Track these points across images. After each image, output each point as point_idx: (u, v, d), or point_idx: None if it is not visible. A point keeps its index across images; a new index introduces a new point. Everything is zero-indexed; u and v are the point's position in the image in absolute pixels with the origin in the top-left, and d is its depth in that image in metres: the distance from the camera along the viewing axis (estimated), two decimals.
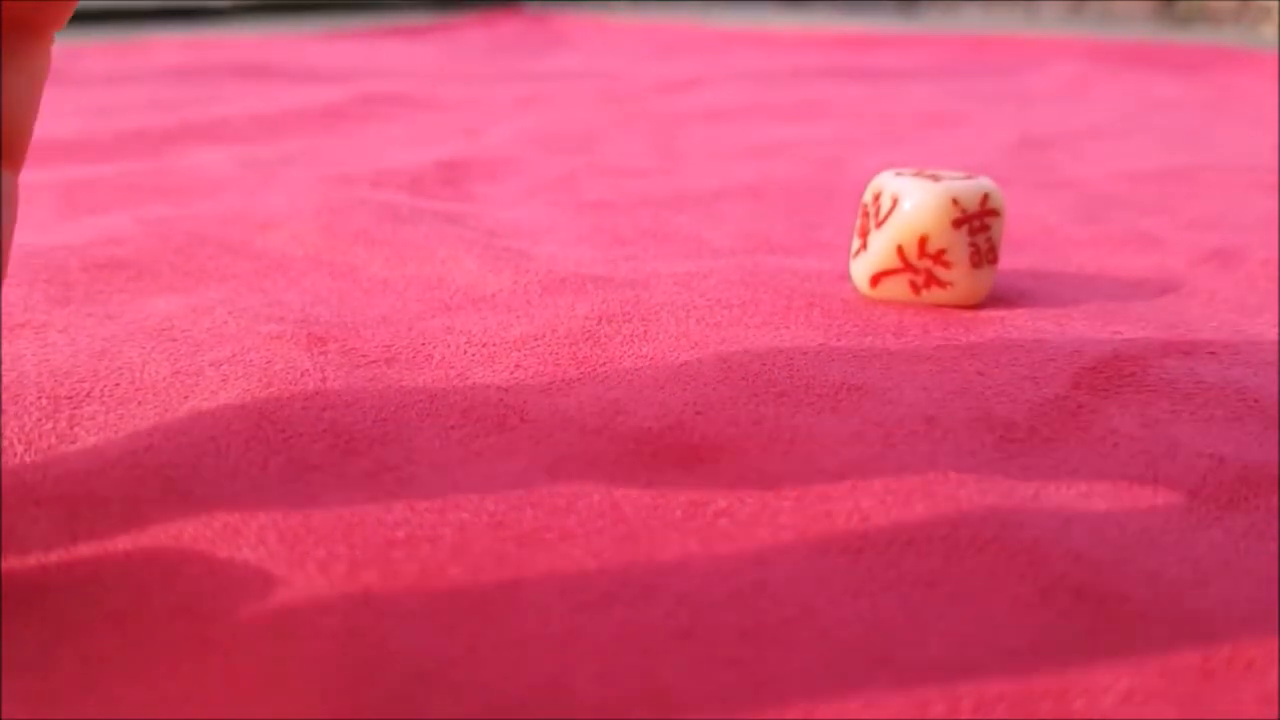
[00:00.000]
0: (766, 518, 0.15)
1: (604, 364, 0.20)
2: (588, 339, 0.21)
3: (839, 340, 0.21)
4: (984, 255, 0.23)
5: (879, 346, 0.20)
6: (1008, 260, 0.28)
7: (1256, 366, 0.20)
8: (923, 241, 0.22)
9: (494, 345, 0.21)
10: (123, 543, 0.15)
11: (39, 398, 0.19)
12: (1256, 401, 0.19)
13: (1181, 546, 0.14)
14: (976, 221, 0.22)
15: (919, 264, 0.23)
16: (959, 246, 0.22)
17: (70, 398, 0.19)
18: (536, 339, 0.21)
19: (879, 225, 0.23)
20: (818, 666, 0.12)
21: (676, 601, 0.13)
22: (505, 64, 0.74)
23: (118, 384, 0.19)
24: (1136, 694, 0.12)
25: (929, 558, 0.14)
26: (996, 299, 0.24)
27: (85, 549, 0.15)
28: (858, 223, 0.24)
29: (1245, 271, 0.27)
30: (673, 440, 0.17)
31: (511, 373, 0.20)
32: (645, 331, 0.21)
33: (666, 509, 0.15)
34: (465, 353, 0.21)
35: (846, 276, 0.25)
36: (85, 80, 0.62)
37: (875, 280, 0.23)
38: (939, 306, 0.23)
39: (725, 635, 0.13)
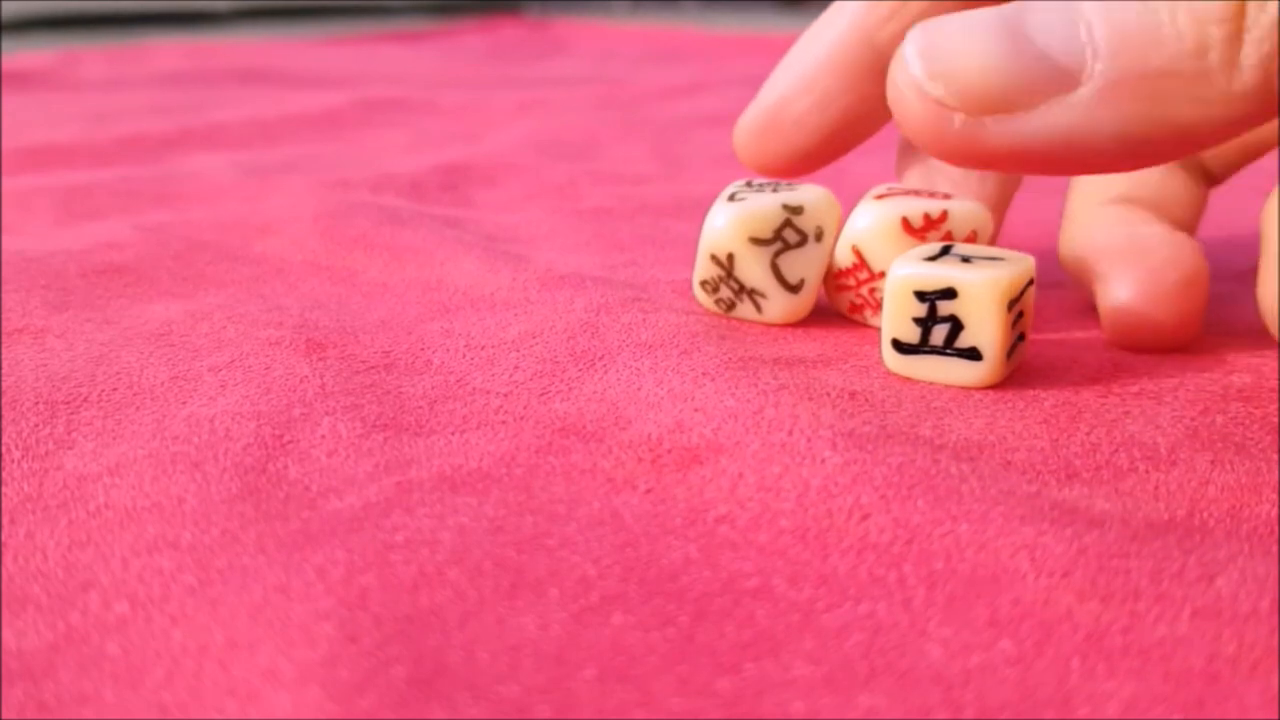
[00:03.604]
0: (767, 520, 0.15)
1: (603, 357, 0.20)
2: (585, 330, 0.21)
3: (835, 348, 0.21)
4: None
5: (875, 355, 0.20)
6: None
7: (1254, 374, 0.20)
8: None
9: (492, 347, 0.21)
10: (119, 548, 0.14)
11: (36, 403, 0.19)
12: (1260, 404, 0.19)
13: (1185, 543, 0.14)
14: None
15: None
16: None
17: (67, 403, 0.19)
18: (534, 336, 0.21)
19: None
20: (819, 671, 0.12)
21: (677, 607, 0.13)
22: (505, 69, 0.74)
23: (115, 389, 0.19)
24: (1140, 699, 0.12)
25: (931, 557, 0.14)
26: None
27: (83, 554, 0.14)
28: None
29: (1239, 274, 0.27)
30: (673, 444, 0.17)
31: (510, 375, 0.20)
32: (644, 320, 0.21)
33: (666, 516, 0.15)
34: (464, 356, 0.21)
35: None
36: (83, 85, 0.62)
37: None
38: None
39: (726, 640, 0.13)
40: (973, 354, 0.19)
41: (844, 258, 0.22)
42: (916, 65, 0.16)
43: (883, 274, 0.21)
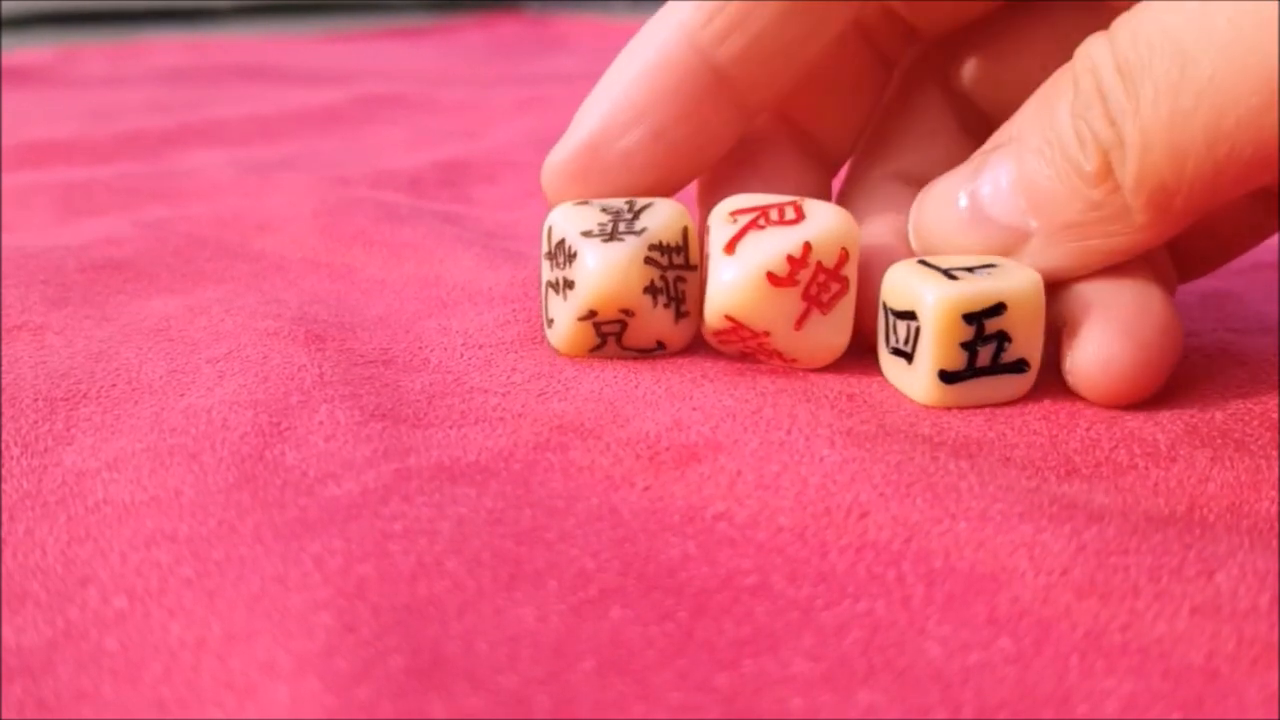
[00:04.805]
0: (765, 518, 0.15)
1: (600, 353, 0.20)
2: None
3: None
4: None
5: (874, 360, 0.20)
6: None
7: (1254, 370, 0.20)
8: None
9: (490, 346, 0.21)
10: (118, 542, 0.14)
11: (35, 400, 0.19)
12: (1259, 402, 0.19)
13: (1185, 537, 0.14)
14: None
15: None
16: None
17: (67, 399, 0.19)
18: (533, 340, 0.21)
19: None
20: (817, 668, 0.12)
21: (675, 602, 0.13)
22: (504, 66, 0.74)
23: (114, 385, 0.19)
24: (1139, 697, 0.12)
25: (929, 555, 0.14)
26: None
27: (82, 549, 0.14)
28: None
29: (1238, 271, 0.27)
30: (671, 442, 0.17)
31: (508, 376, 0.20)
32: None
33: (664, 512, 0.15)
34: (462, 355, 0.21)
35: None
36: (83, 81, 0.62)
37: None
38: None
39: (724, 636, 0.13)
40: (1019, 366, 0.18)
41: (718, 322, 0.19)
42: (910, 232, 0.20)
43: (766, 332, 0.19)
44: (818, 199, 0.20)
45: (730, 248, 0.19)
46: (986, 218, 0.18)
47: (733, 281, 0.19)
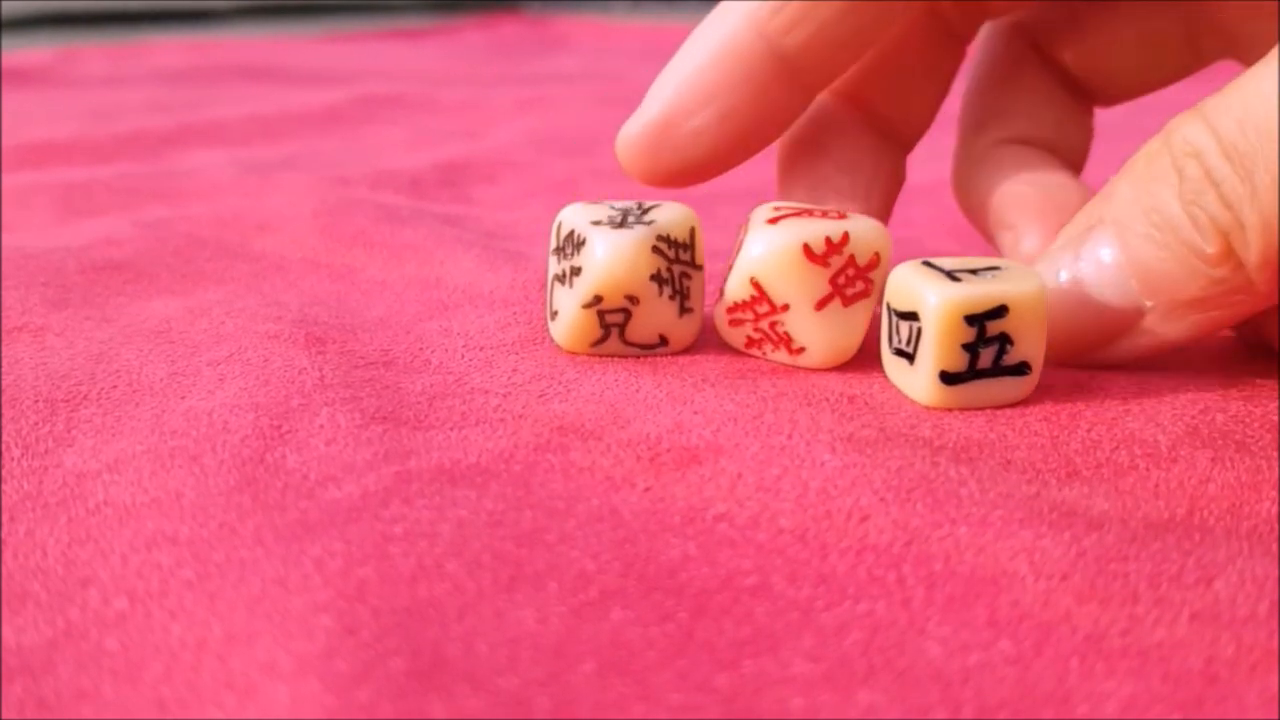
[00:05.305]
0: (766, 519, 0.15)
1: (601, 358, 0.20)
2: None
3: None
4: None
5: (876, 359, 0.20)
6: None
7: (1255, 373, 0.20)
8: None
9: (491, 348, 0.21)
10: (119, 544, 0.14)
11: (36, 401, 0.19)
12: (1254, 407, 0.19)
13: (1184, 544, 0.14)
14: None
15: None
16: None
17: (67, 401, 0.19)
18: (534, 341, 0.21)
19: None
20: (818, 669, 0.12)
21: (676, 603, 0.13)
22: (505, 66, 0.74)
23: (115, 386, 0.19)
24: (1139, 699, 0.12)
25: (930, 559, 0.14)
26: None
27: (83, 551, 0.14)
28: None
29: None
30: (671, 444, 0.17)
31: (509, 377, 0.20)
32: None
33: (665, 513, 0.15)
34: (463, 356, 0.21)
35: None
36: (83, 82, 0.62)
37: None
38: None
39: (725, 637, 0.13)
40: (1021, 369, 0.18)
41: (740, 291, 0.20)
42: None
43: (785, 306, 0.19)
44: (893, 180, 0.22)
45: (773, 222, 0.20)
46: (1094, 299, 0.19)
47: (769, 246, 0.19)
